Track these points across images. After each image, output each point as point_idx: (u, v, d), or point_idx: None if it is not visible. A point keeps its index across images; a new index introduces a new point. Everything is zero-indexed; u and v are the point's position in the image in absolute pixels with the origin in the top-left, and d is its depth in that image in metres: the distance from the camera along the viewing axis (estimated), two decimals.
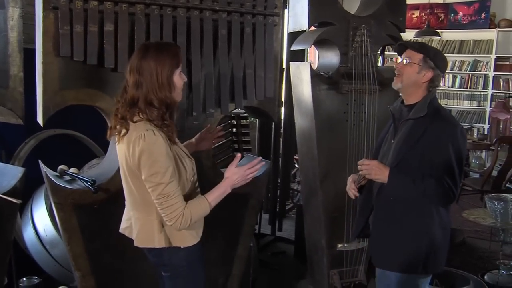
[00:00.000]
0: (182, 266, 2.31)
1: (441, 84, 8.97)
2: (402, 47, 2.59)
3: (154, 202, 2.13)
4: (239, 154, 2.38)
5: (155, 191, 2.10)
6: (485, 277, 4.20)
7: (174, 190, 2.11)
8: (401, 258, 2.51)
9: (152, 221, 2.22)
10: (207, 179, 3.04)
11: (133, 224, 2.30)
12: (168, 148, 2.12)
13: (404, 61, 2.51)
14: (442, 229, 2.50)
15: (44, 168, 2.76)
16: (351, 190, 2.70)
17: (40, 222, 3.74)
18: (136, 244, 2.30)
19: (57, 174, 2.89)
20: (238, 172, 2.28)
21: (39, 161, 2.83)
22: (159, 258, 2.32)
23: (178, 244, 2.26)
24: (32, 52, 2.74)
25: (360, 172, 2.53)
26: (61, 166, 2.94)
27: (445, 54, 8.69)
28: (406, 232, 2.50)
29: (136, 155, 2.08)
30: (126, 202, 2.35)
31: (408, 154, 2.46)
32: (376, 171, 2.45)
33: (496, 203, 3.95)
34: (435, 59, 2.48)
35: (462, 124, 8.42)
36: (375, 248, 2.66)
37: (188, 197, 2.23)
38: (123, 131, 2.14)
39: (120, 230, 2.40)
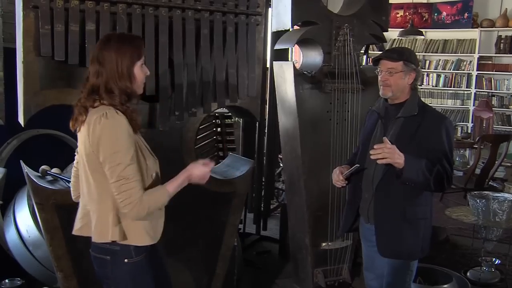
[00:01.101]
0: (126, 280, 2.18)
1: (425, 83, 9.06)
2: (377, 61, 2.71)
3: (112, 187, 2.02)
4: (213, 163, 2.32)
5: (114, 172, 2.00)
6: (468, 274, 4.25)
7: (134, 173, 2.02)
8: (406, 246, 2.66)
9: (108, 214, 2.10)
10: None
11: (91, 218, 2.17)
12: (130, 130, 2.05)
13: (388, 72, 2.63)
14: (431, 213, 2.73)
15: (25, 169, 2.74)
16: (339, 181, 2.76)
17: (23, 223, 3.71)
18: (93, 239, 2.17)
19: (39, 174, 2.87)
20: (201, 169, 2.24)
21: (21, 161, 2.81)
22: (102, 269, 2.20)
23: (132, 242, 2.13)
24: (13, 51, 2.72)
25: (378, 155, 2.47)
26: (43, 167, 2.92)
27: (429, 54, 8.88)
28: (409, 221, 2.64)
29: (97, 134, 2.00)
30: (81, 199, 2.24)
31: (404, 149, 2.52)
32: (397, 155, 2.46)
33: (478, 201, 3.99)
34: (412, 59, 2.64)
35: None
36: (381, 239, 2.70)
37: None
38: (83, 117, 2.07)
39: (75, 232, 2.26)
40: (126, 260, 2.15)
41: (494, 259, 4.40)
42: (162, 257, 2.42)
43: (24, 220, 3.71)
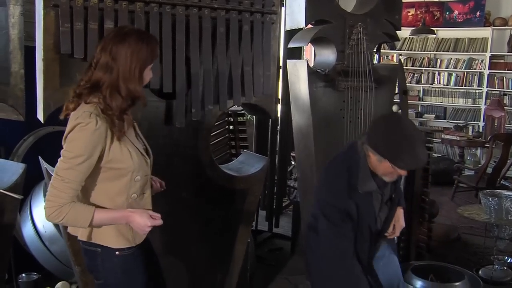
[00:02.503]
0: (116, 274, 2.12)
1: (436, 82, 9.05)
2: None
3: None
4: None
5: (57, 167, 1.93)
6: (480, 272, 4.26)
7: (71, 179, 1.91)
8: None
9: None
10: (205, 175, 3.08)
11: None
12: (99, 139, 1.94)
13: None
14: None
15: (44, 164, 2.78)
16: None
17: (39, 218, 3.76)
18: (68, 229, 2.18)
19: None
20: (143, 221, 2.03)
21: (39, 157, 2.85)
22: (92, 261, 2.14)
23: (103, 243, 2.07)
24: (31, 49, 2.76)
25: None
26: None
27: (441, 52, 8.85)
28: None
29: (65, 133, 1.96)
30: None
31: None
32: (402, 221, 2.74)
33: (490, 199, 3.99)
34: None
35: (457, 121, 8.54)
36: None
37: (127, 196, 2.08)
38: (71, 107, 2.01)
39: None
40: (117, 253, 2.09)
41: (506, 257, 4.42)
42: (156, 256, 2.37)
43: (40, 215, 3.75)
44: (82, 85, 2.02)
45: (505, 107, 8.03)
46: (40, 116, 2.66)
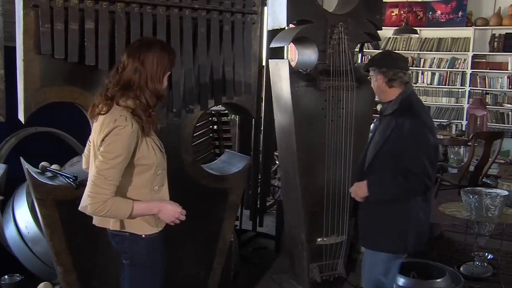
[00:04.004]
0: (142, 255, 2.35)
1: (420, 81, 9.11)
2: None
3: (91, 175, 2.18)
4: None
5: (99, 166, 2.14)
6: (461, 268, 4.32)
7: (114, 177, 2.14)
8: (387, 240, 2.79)
9: None
10: (187, 174, 3.10)
11: None
12: (133, 140, 2.17)
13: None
14: (423, 213, 2.78)
15: (25, 165, 2.78)
16: None
17: (22, 219, 3.74)
18: (93, 222, 2.37)
19: (38, 170, 2.91)
20: (174, 208, 2.33)
21: (21, 158, 2.85)
22: (121, 244, 2.36)
23: (131, 230, 2.30)
24: (11, 49, 2.76)
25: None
26: (43, 163, 2.96)
27: (424, 52, 8.91)
28: (390, 218, 2.76)
29: (103, 135, 2.15)
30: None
31: (382, 147, 2.72)
32: (359, 191, 2.79)
33: (471, 196, 4.04)
34: (378, 64, 2.81)
35: (440, 120, 8.59)
36: (365, 231, 2.92)
37: (150, 188, 2.30)
38: (104, 109, 2.21)
39: (80, 209, 2.34)
40: (143, 236, 2.31)
41: (486, 253, 4.46)
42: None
43: (23, 216, 3.74)
44: (111, 87, 2.24)
45: (487, 106, 8.11)
46: (21, 117, 2.66)
